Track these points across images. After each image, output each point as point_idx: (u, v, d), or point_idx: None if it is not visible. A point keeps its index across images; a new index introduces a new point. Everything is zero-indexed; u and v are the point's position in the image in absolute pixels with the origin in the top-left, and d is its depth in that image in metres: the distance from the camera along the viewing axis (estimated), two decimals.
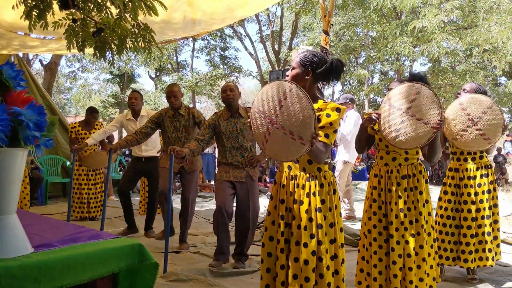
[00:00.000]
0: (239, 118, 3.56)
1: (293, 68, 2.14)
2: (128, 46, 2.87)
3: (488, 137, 2.97)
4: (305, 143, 1.88)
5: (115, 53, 2.89)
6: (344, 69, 2.19)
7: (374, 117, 2.62)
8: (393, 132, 2.54)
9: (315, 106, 2.04)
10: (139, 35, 2.82)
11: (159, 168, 4.25)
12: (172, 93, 4.05)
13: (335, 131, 2.06)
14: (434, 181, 10.40)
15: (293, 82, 1.95)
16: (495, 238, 3.23)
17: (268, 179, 9.99)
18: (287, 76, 2.15)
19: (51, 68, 10.01)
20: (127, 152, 10.38)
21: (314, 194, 2.03)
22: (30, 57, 12.68)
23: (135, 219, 4.66)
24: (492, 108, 2.98)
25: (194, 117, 4.09)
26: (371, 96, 17.36)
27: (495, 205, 3.26)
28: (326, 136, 2.01)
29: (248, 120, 2.09)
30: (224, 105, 3.61)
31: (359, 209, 5.70)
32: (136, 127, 4.54)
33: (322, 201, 2.03)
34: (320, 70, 2.09)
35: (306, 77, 2.11)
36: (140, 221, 4.86)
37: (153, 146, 4.68)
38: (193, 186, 4.09)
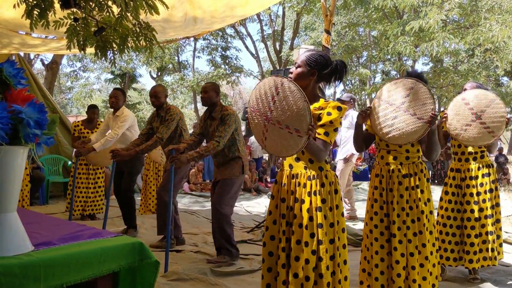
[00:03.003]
0: (213, 121, 3.58)
1: (299, 66, 2.10)
2: (129, 45, 2.87)
3: (492, 130, 2.96)
4: (302, 135, 1.89)
5: (116, 52, 2.89)
6: (347, 70, 2.18)
7: (363, 112, 2.63)
8: (386, 127, 2.55)
9: (316, 105, 2.04)
10: (140, 34, 2.82)
11: (132, 165, 4.28)
12: (154, 93, 4.06)
13: (336, 130, 2.03)
14: (436, 181, 10.37)
15: (285, 77, 1.95)
16: (498, 237, 3.23)
17: (269, 179, 9.98)
18: (291, 73, 2.12)
19: (53, 67, 10.02)
20: None
21: (315, 193, 2.01)
22: (32, 56, 12.71)
23: (136, 218, 4.61)
24: (495, 101, 2.97)
25: (165, 116, 3.98)
26: (373, 95, 17.34)
27: (497, 205, 3.25)
28: (326, 134, 2.00)
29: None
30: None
31: (361, 209, 5.69)
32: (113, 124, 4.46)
33: (323, 201, 2.01)
34: (325, 72, 2.08)
35: (311, 77, 2.09)
36: (141, 220, 4.86)
37: (125, 143, 4.42)
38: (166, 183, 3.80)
